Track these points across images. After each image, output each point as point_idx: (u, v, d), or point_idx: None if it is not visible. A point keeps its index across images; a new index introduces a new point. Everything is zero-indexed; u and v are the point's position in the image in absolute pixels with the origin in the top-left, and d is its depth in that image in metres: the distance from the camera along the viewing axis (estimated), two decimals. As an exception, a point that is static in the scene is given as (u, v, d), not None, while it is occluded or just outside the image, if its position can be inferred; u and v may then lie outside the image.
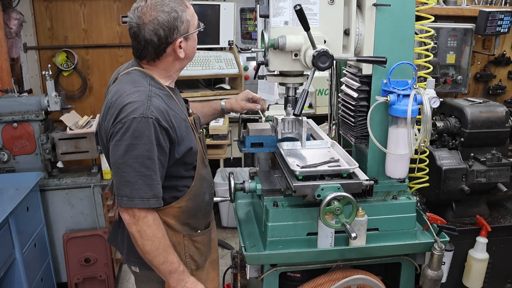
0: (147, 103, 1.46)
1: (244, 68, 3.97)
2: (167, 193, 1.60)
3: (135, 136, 1.43)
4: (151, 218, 1.51)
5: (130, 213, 1.50)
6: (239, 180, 1.93)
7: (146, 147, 1.44)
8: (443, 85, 3.45)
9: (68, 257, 2.91)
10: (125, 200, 1.47)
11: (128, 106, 1.45)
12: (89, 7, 4.04)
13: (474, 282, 2.34)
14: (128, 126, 1.44)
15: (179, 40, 1.54)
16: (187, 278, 1.62)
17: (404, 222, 1.91)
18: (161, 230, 1.55)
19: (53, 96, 2.82)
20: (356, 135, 1.97)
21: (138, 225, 1.50)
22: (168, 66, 1.62)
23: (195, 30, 1.61)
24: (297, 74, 1.85)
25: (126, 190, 1.47)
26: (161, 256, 1.54)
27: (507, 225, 2.40)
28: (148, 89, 1.51)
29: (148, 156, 1.45)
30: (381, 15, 1.77)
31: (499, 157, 2.28)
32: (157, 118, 1.45)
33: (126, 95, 1.49)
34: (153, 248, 1.52)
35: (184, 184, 1.66)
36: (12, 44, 3.53)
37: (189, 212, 1.69)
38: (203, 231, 1.77)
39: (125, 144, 1.44)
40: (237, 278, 2.33)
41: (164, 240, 1.55)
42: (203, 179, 1.73)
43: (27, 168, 2.82)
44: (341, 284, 1.83)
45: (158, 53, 1.55)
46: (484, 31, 3.35)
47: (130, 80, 1.56)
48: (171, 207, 1.64)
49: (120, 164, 1.46)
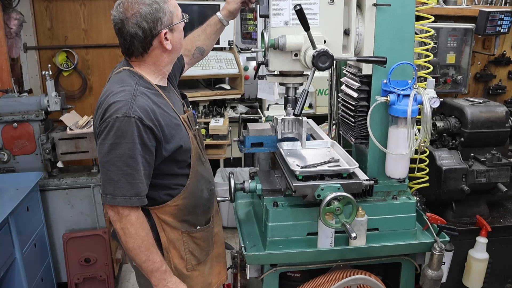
0: (130, 102, 1.48)
1: (244, 68, 3.97)
2: (161, 191, 1.63)
3: (118, 135, 1.46)
4: (134, 216, 1.53)
5: (115, 210, 1.52)
6: (239, 180, 1.93)
7: (129, 146, 1.47)
8: (443, 85, 3.45)
9: (68, 257, 2.91)
10: (108, 198, 1.50)
11: (113, 106, 1.48)
12: (89, 7, 4.04)
13: (474, 282, 2.34)
14: (112, 125, 1.46)
15: (164, 31, 1.55)
16: (169, 278, 1.63)
17: (404, 222, 1.91)
18: (144, 228, 1.56)
19: (53, 96, 2.82)
20: (356, 135, 1.97)
21: (122, 223, 1.53)
22: (156, 60, 1.62)
23: (179, 21, 1.61)
24: (297, 74, 1.85)
25: (110, 188, 1.50)
26: (143, 254, 1.56)
27: (507, 225, 2.40)
28: (134, 88, 1.53)
29: (131, 155, 1.47)
30: (381, 15, 1.77)
31: (499, 157, 2.28)
32: (139, 117, 1.47)
33: (112, 94, 1.51)
34: (135, 246, 1.54)
35: (179, 183, 1.67)
36: (12, 44, 3.53)
37: (187, 209, 1.70)
38: (203, 227, 1.78)
39: (109, 143, 1.47)
40: (237, 278, 2.34)
41: (147, 239, 1.56)
42: (200, 176, 1.73)
43: (27, 168, 2.82)
44: (341, 284, 1.83)
45: (144, 46, 1.56)
46: (484, 31, 3.35)
47: (118, 80, 1.58)
48: (167, 206, 1.65)
49: (104, 162, 1.49)
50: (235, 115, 3.91)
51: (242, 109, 3.97)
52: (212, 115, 3.76)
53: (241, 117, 3.89)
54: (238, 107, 3.98)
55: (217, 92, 3.81)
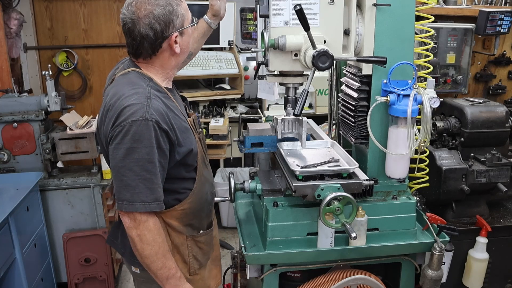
0: (146, 105, 1.43)
1: (244, 68, 3.97)
2: (169, 195, 1.59)
3: (135, 139, 1.41)
4: (152, 222, 1.50)
5: (131, 217, 1.48)
6: (239, 180, 1.93)
7: (147, 150, 1.42)
8: (443, 85, 3.45)
9: (68, 257, 2.91)
10: (125, 204, 1.45)
11: (128, 109, 1.43)
12: (89, 7, 4.04)
13: (474, 282, 2.34)
14: (128, 129, 1.41)
15: (175, 34, 1.52)
16: (183, 285, 1.60)
17: (404, 222, 1.91)
18: (161, 235, 1.53)
19: (53, 96, 2.82)
20: (356, 135, 1.97)
21: (139, 229, 1.48)
22: (164, 62, 1.59)
23: (189, 24, 1.58)
24: (297, 74, 1.85)
25: (127, 194, 1.45)
26: (159, 261, 1.52)
27: (507, 225, 2.40)
28: (147, 91, 1.49)
29: (149, 160, 1.43)
30: (381, 15, 1.77)
31: (499, 157, 2.28)
32: (157, 121, 1.43)
33: (124, 97, 1.46)
34: (153, 253, 1.50)
35: (186, 187, 1.64)
36: (12, 44, 3.53)
37: (193, 213, 1.68)
38: (206, 231, 1.77)
39: (125, 148, 1.42)
40: (237, 278, 2.33)
41: (163, 245, 1.53)
42: (205, 180, 1.71)
43: (27, 168, 2.82)
44: (341, 284, 1.83)
45: (154, 48, 1.52)
46: (484, 31, 3.35)
47: (128, 82, 1.52)
48: (174, 210, 1.62)
49: (120, 167, 1.44)
50: (235, 115, 3.91)
51: (242, 109, 3.97)
52: (212, 115, 3.76)
53: (241, 117, 3.89)
54: (238, 107, 3.98)
55: (217, 92, 3.81)
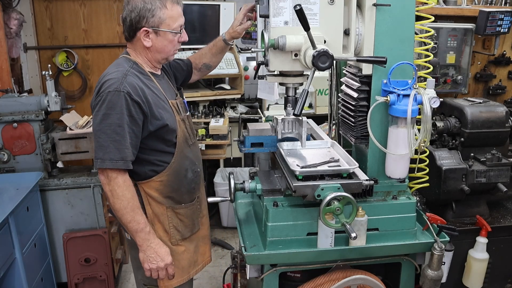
0: (121, 79, 1.70)
1: (244, 68, 3.97)
2: (147, 166, 1.82)
3: (109, 107, 1.67)
4: (121, 179, 1.71)
5: (105, 174, 1.71)
6: (239, 180, 1.93)
7: (118, 117, 1.67)
8: (443, 85, 3.45)
9: (68, 257, 2.91)
10: (99, 162, 1.69)
11: (106, 83, 1.70)
12: (89, 7, 4.04)
13: (474, 282, 2.34)
14: (104, 99, 1.68)
15: (144, 28, 1.75)
16: (152, 239, 1.79)
17: (404, 222, 1.91)
18: (130, 191, 1.73)
19: (53, 96, 2.82)
20: (356, 135, 1.97)
21: (110, 185, 1.71)
22: (141, 50, 1.83)
23: (167, 30, 1.78)
24: (297, 74, 1.85)
25: (100, 153, 1.69)
26: (128, 215, 1.73)
27: (507, 225, 2.40)
28: (127, 70, 1.75)
29: (119, 124, 1.67)
30: (381, 15, 1.77)
31: (499, 157, 2.28)
32: (128, 92, 1.68)
33: (107, 75, 1.74)
34: (122, 207, 1.71)
35: (163, 160, 1.84)
36: (12, 44, 3.53)
37: (171, 186, 1.86)
38: (186, 205, 1.93)
39: (101, 114, 1.68)
40: (237, 278, 2.34)
41: (132, 201, 1.73)
42: (185, 157, 1.90)
43: (27, 168, 2.82)
44: (341, 284, 1.83)
45: (130, 33, 1.81)
46: (484, 31, 3.35)
47: (115, 64, 1.83)
48: (152, 181, 1.83)
49: (97, 131, 1.70)
50: (235, 115, 3.91)
51: (242, 109, 3.97)
52: (212, 115, 3.76)
53: (241, 117, 3.88)
54: (238, 107, 3.97)
55: (217, 92, 3.81)
